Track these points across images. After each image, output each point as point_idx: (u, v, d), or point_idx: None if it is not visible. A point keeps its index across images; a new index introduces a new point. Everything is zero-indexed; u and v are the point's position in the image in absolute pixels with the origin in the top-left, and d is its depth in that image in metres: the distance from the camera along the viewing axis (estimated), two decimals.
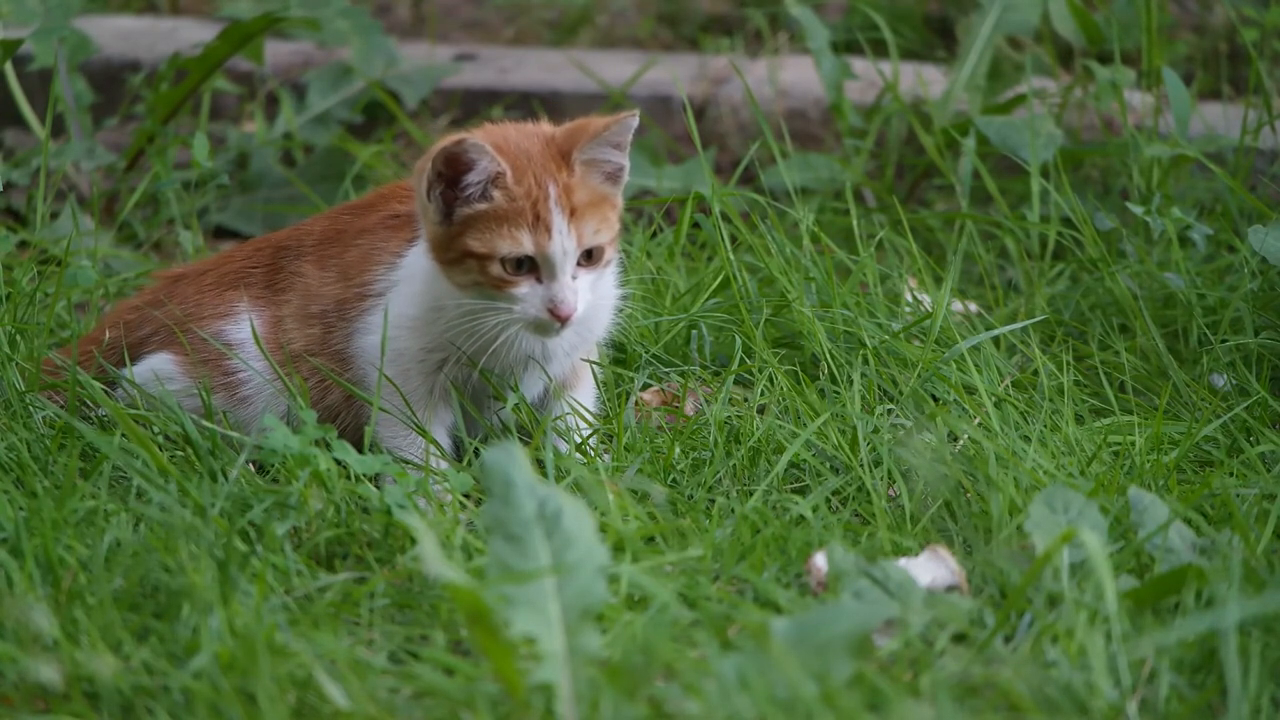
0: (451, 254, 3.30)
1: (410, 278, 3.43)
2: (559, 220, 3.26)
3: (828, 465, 3.46)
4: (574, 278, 3.28)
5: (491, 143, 3.26)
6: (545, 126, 3.35)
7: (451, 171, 3.27)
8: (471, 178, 3.26)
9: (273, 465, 3.34)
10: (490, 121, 3.47)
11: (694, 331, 3.83)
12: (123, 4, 6.02)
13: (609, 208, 3.32)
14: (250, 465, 3.36)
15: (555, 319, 3.29)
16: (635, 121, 3.31)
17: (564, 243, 3.27)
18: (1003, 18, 4.83)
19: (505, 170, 3.25)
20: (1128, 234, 4.27)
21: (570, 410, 3.48)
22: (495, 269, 3.28)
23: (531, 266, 3.28)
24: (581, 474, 3.19)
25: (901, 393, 3.61)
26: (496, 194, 3.26)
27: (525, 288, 3.29)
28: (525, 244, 3.27)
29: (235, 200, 4.99)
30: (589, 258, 3.31)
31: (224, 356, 3.52)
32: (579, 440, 3.46)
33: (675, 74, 5.14)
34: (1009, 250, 4.35)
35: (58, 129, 5.00)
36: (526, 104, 5.24)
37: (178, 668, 2.77)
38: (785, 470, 3.42)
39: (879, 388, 3.66)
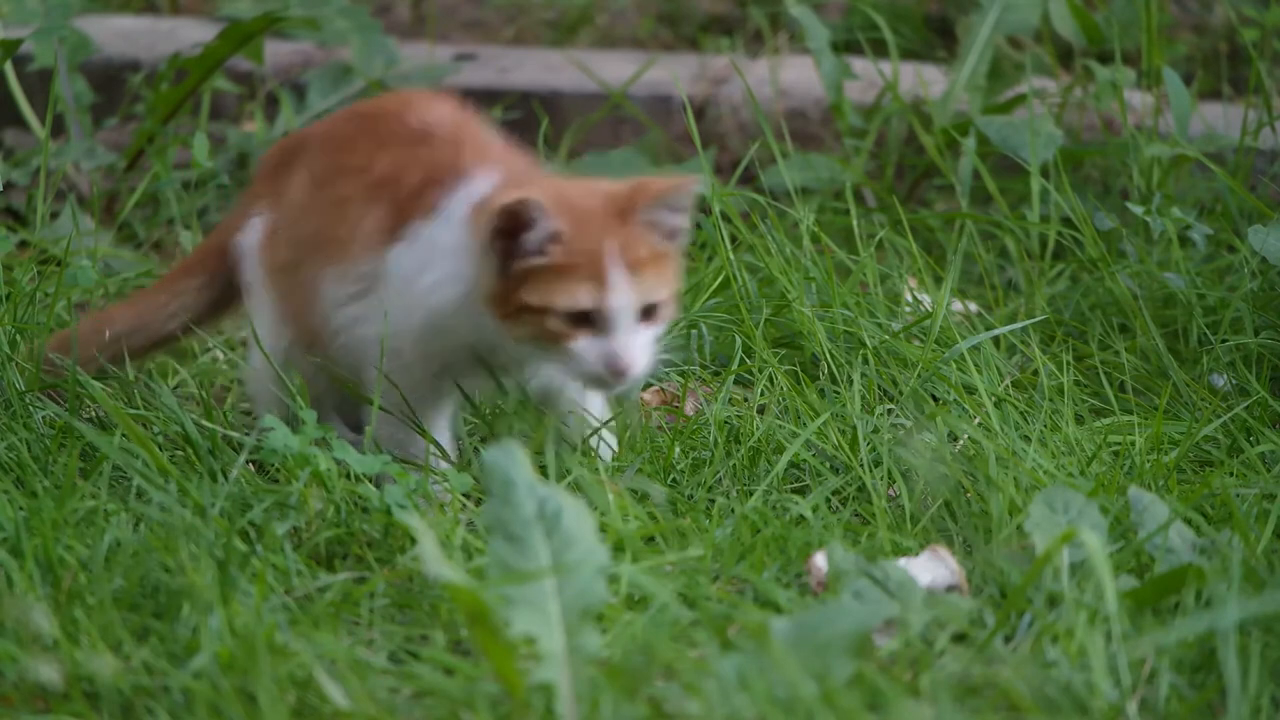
0: (508, 308, 3.20)
1: (404, 281, 3.33)
2: (618, 275, 3.17)
3: (828, 465, 3.46)
4: (633, 332, 3.19)
5: (551, 200, 3.17)
6: (604, 184, 3.27)
7: (511, 227, 3.17)
8: (531, 235, 3.17)
9: (273, 465, 3.34)
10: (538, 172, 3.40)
11: (694, 331, 3.83)
12: (123, 4, 6.02)
13: (669, 265, 3.23)
14: (249, 465, 3.36)
15: (613, 375, 3.19)
16: (698, 189, 3.24)
17: (624, 297, 3.17)
18: (1003, 18, 4.83)
19: (564, 228, 3.17)
20: (1128, 234, 4.27)
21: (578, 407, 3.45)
22: (553, 323, 3.18)
23: (590, 321, 3.19)
24: (581, 474, 3.19)
25: (901, 393, 3.61)
26: (555, 249, 3.17)
27: (584, 341, 3.19)
28: (583, 298, 3.17)
29: (235, 200, 4.99)
30: (648, 314, 3.21)
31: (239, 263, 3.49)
32: (600, 442, 3.43)
33: (675, 74, 5.14)
34: (1009, 250, 4.35)
35: (58, 129, 4.99)
36: (526, 104, 5.24)
37: (178, 668, 2.77)
38: (785, 470, 3.42)
39: (879, 387, 3.66)
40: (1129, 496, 3.15)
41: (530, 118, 5.15)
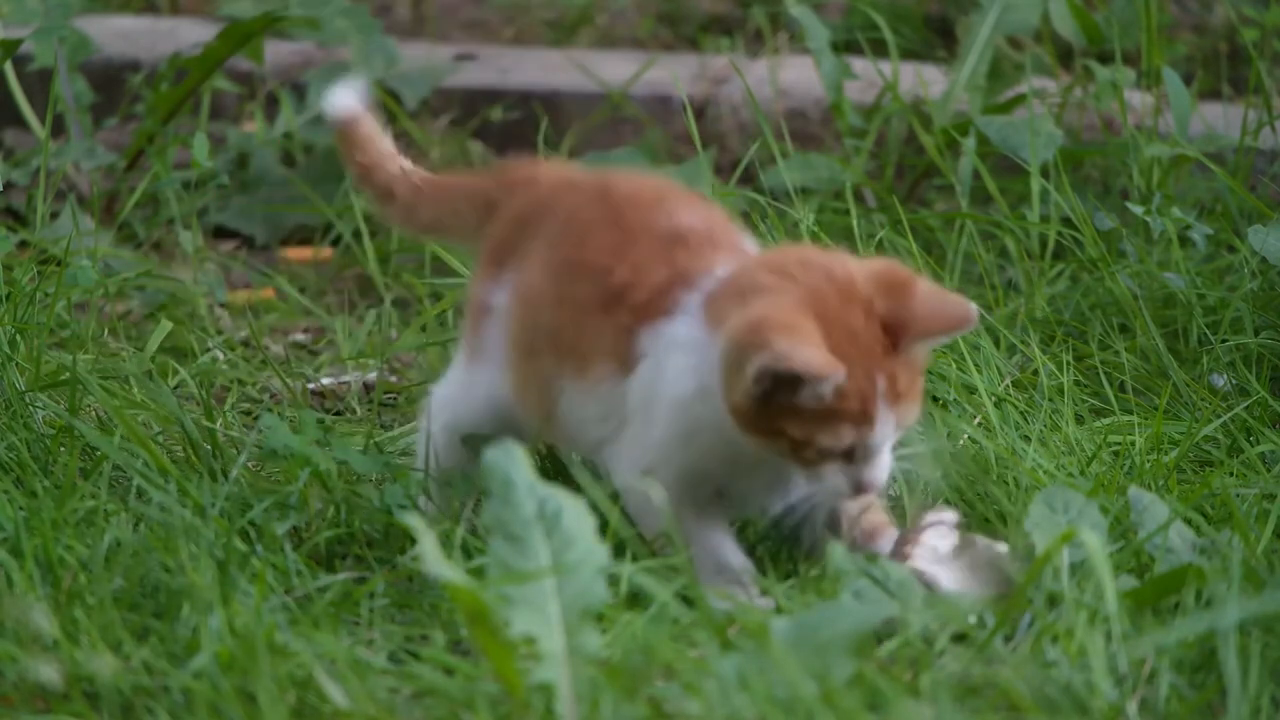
0: (760, 427, 2.98)
1: (647, 390, 3.09)
2: (883, 412, 2.97)
3: None
4: (885, 456, 3.02)
5: (819, 328, 2.92)
6: (858, 277, 2.99)
7: (777, 382, 2.93)
8: (802, 389, 2.93)
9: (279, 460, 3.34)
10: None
11: None
12: (123, 4, 6.02)
13: (922, 382, 3.03)
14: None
15: (857, 495, 3.03)
16: (975, 322, 3.02)
17: (885, 431, 2.98)
18: (1003, 18, 4.83)
19: (840, 379, 2.92)
20: (1128, 234, 4.27)
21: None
22: (810, 454, 2.98)
23: (848, 452, 3.00)
24: (581, 474, 3.19)
25: None
26: (829, 396, 2.94)
27: (834, 467, 3.00)
28: (847, 439, 2.97)
29: (235, 200, 4.99)
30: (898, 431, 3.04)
31: (479, 314, 3.27)
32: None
33: (675, 74, 5.14)
34: (1009, 250, 4.35)
35: (58, 129, 4.99)
36: (526, 104, 5.24)
37: (178, 668, 2.77)
38: None
39: None
40: (1129, 496, 3.15)
41: (530, 118, 5.15)
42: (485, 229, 3.32)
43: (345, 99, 3.61)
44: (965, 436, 3.44)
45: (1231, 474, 3.47)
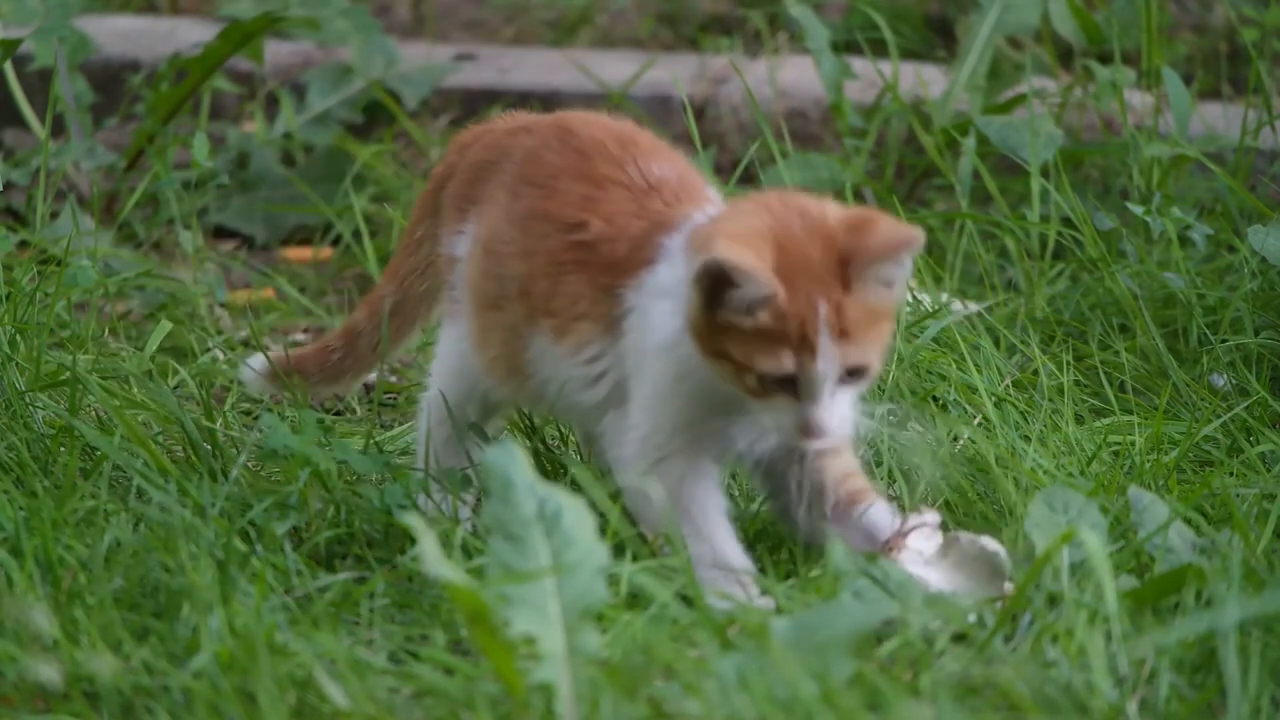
0: (709, 347, 2.99)
1: (639, 360, 3.10)
2: (825, 342, 2.95)
3: None
4: (833, 396, 2.99)
5: (768, 255, 2.95)
6: (827, 220, 3.02)
7: (716, 281, 2.95)
8: (738, 294, 2.95)
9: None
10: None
11: None
12: (123, 4, 6.02)
13: (883, 324, 3.01)
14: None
15: (805, 439, 3.01)
16: (921, 242, 3.00)
17: (828, 365, 2.96)
18: (1003, 18, 4.83)
19: (777, 291, 2.95)
20: (1128, 234, 4.27)
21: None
22: (751, 380, 2.98)
23: (790, 382, 2.98)
24: (581, 473, 3.19)
25: (902, 393, 3.61)
26: (763, 314, 2.95)
27: (780, 402, 2.99)
28: (787, 364, 2.96)
29: (235, 200, 4.99)
30: (851, 375, 3.00)
31: (449, 270, 3.31)
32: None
33: (675, 74, 5.14)
34: (1009, 250, 4.35)
35: (58, 129, 5.00)
36: (526, 104, 5.23)
37: (178, 668, 2.77)
38: None
39: (879, 387, 3.66)
40: (1129, 496, 3.14)
41: None
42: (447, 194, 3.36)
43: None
44: (965, 436, 3.44)
45: (1231, 474, 3.47)
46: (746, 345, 2.96)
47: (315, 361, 3.53)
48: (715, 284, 2.94)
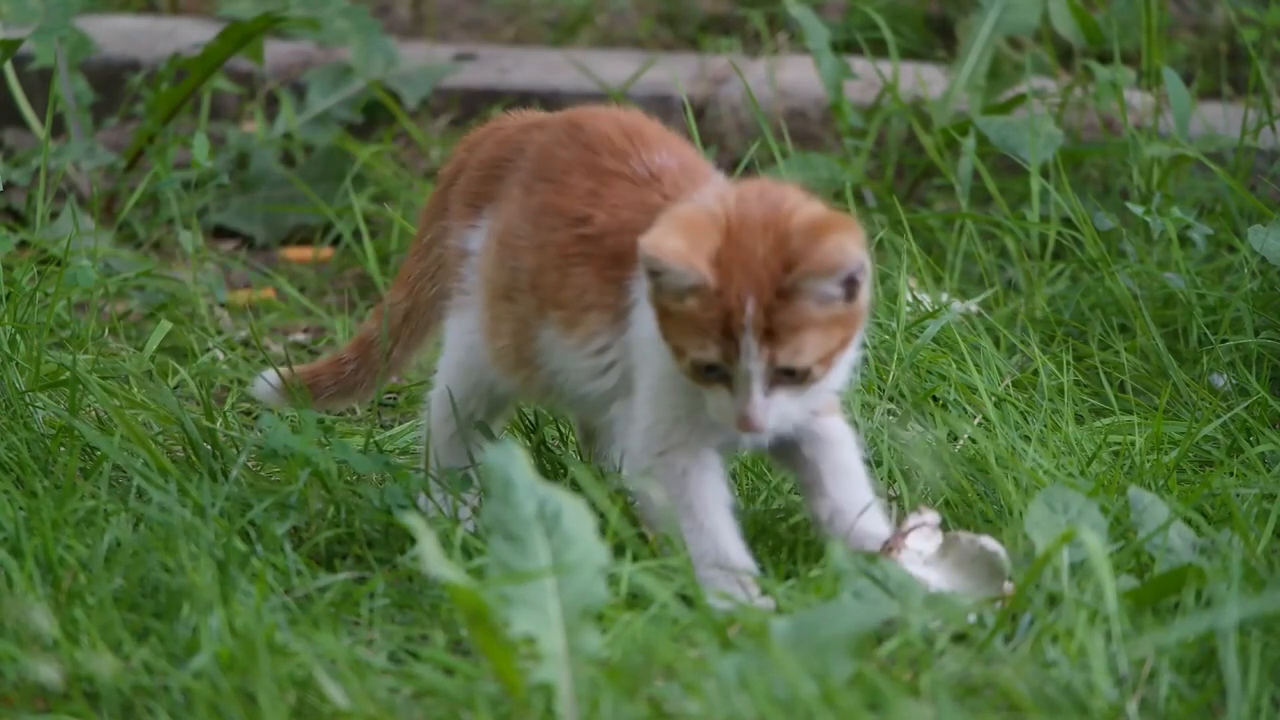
0: (660, 330, 3.03)
1: (643, 347, 3.10)
2: (750, 340, 2.96)
3: None
4: (767, 394, 2.98)
5: (715, 237, 2.96)
6: (796, 215, 3.00)
7: (650, 268, 2.98)
8: (664, 279, 2.97)
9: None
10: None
11: None
12: (123, 4, 6.03)
13: (829, 328, 2.99)
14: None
15: (740, 429, 3.01)
16: (858, 258, 2.98)
17: (751, 362, 2.97)
18: (1003, 18, 4.83)
19: (707, 281, 2.96)
20: (1128, 234, 4.27)
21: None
22: (686, 365, 3.00)
23: (724, 373, 2.99)
24: (581, 473, 3.19)
25: (902, 393, 3.61)
26: (690, 300, 2.96)
27: (719, 391, 3.01)
28: (710, 353, 2.98)
29: (235, 200, 4.99)
30: (788, 374, 3.00)
31: (459, 262, 3.31)
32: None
33: (675, 74, 5.14)
34: (1009, 250, 4.35)
35: (58, 129, 5.00)
36: (526, 104, 5.23)
37: (178, 668, 2.77)
38: None
39: (879, 387, 3.66)
40: (1129, 496, 3.14)
41: None
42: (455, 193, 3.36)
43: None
44: (965, 436, 3.44)
45: (1231, 474, 3.47)
46: (681, 329, 2.99)
47: (329, 374, 3.53)
48: (653, 274, 2.97)
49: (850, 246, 2.97)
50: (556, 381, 3.20)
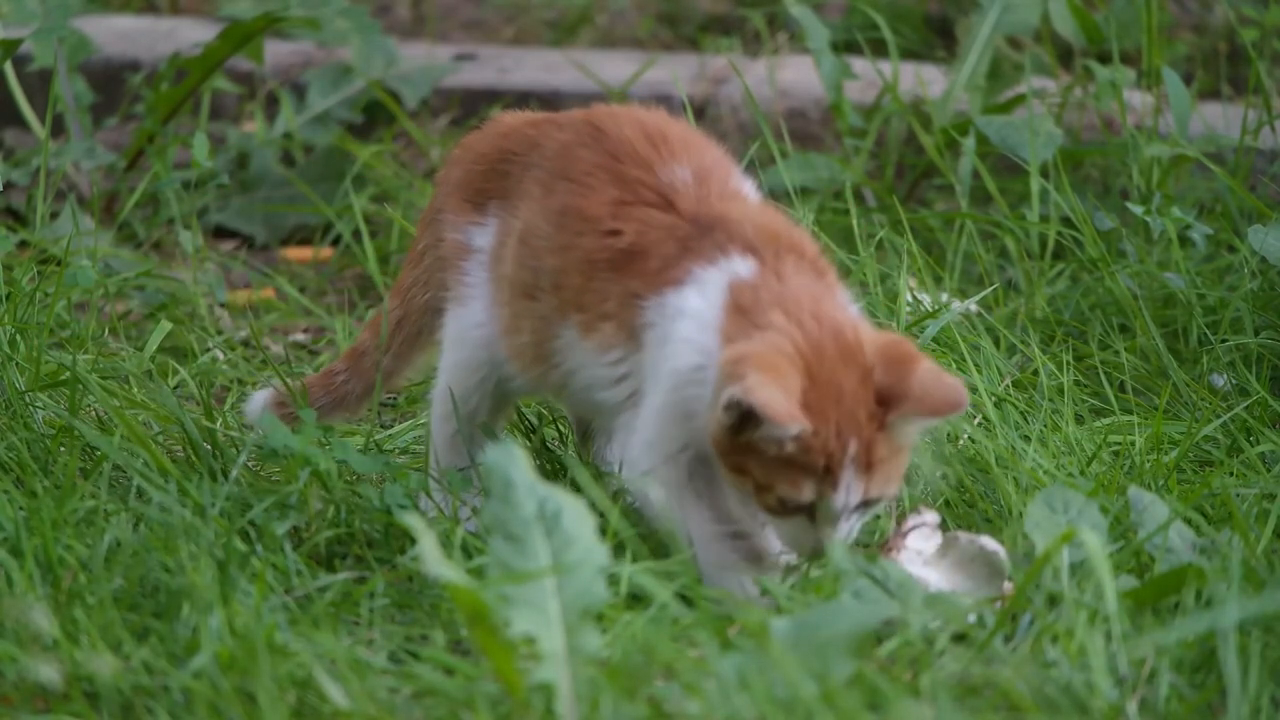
0: (730, 463, 2.97)
1: (655, 374, 3.07)
2: (850, 476, 2.94)
3: None
4: (848, 521, 2.98)
5: (802, 377, 2.92)
6: (866, 343, 2.96)
7: (744, 416, 2.92)
8: (764, 429, 2.91)
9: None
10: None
11: None
12: (123, 4, 6.03)
13: (904, 457, 2.98)
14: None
15: (813, 557, 3.02)
16: (966, 406, 2.96)
17: (848, 498, 2.95)
18: (1003, 18, 4.83)
19: (807, 429, 2.90)
20: (1128, 234, 4.27)
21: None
22: (771, 500, 2.97)
23: (809, 507, 2.97)
24: (581, 474, 3.19)
25: None
26: (790, 446, 2.93)
27: (796, 521, 2.98)
28: (807, 494, 2.95)
29: (235, 200, 4.99)
30: (869, 504, 2.98)
31: (461, 257, 3.29)
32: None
33: (675, 74, 5.14)
34: (1009, 250, 4.35)
35: (58, 129, 5.00)
36: (526, 104, 5.23)
37: (178, 667, 2.77)
38: None
39: None
40: (1129, 496, 3.14)
41: None
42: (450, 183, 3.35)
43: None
44: (965, 436, 3.44)
45: (1231, 474, 3.47)
46: (769, 469, 2.94)
47: (320, 387, 3.52)
48: (744, 417, 2.91)
49: (948, 383, 2.94)
50: (572, 380, 3.19)
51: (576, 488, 3.01)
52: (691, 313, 3.02)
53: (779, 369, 2.92)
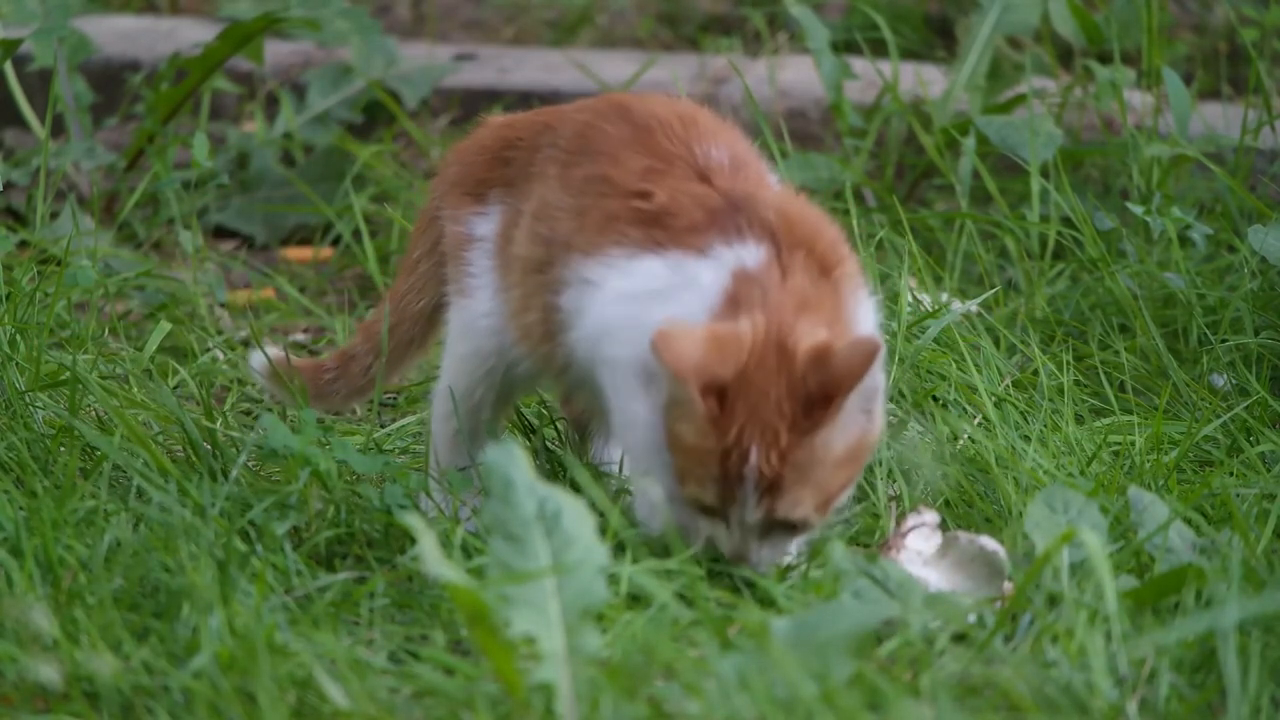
0: (668, 436, 2.97)
1: (645, 295, 3.05)
2: (748, 490, 2.92)
3: None
4: (759, 541, 2.96)
5: (727, 374, 2.90)
6: (801, 353, 2.92)
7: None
8: (685, 400, 2.90)
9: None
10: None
11: None
12: (123, 4, 6.03)
13: (844, 464, 2.94)
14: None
15: (732, 560, 2.99)
16: (878, 354, 2.91)
17: (747, 515, 2.93)
18: (1003, 18, 4.83)
19: (720, 420, 2.90)
20: (1128, 234, 4.27)
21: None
22: (688, 492, 2.97)
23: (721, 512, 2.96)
24: (581, 474, 3.19)
25: (902, 393, 3.61)
26: (692, 434, 2.92)
27: (712, 524, 2.98)
28: (709, 496, 2.94)
29: (235, 200, 4.99)
30: (784, 526, 2.94)
31: (464, 248, 3.27)
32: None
33: (675, 74, 5.14)
34: (1009, 250, 4.35)
35: (58, 129, 5.00)
36: (526, 104, 5.23)
37: (178, 668, 2.77)
38: None
39: None
40: (1129, 496, 3.15)
41: None
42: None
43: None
44: (965, 436, 3.45)
45: (1231, 474, 3.47)
46: (686, 457, 2.95)
47: (309, 376, 3.53)
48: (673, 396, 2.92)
49: (856, 341, 2.92)
50: (578, 348, 3.13)
51: (576, 488, 3.01)
52: (700, 287, 3.00)
53: (707, 346, 2.91)
